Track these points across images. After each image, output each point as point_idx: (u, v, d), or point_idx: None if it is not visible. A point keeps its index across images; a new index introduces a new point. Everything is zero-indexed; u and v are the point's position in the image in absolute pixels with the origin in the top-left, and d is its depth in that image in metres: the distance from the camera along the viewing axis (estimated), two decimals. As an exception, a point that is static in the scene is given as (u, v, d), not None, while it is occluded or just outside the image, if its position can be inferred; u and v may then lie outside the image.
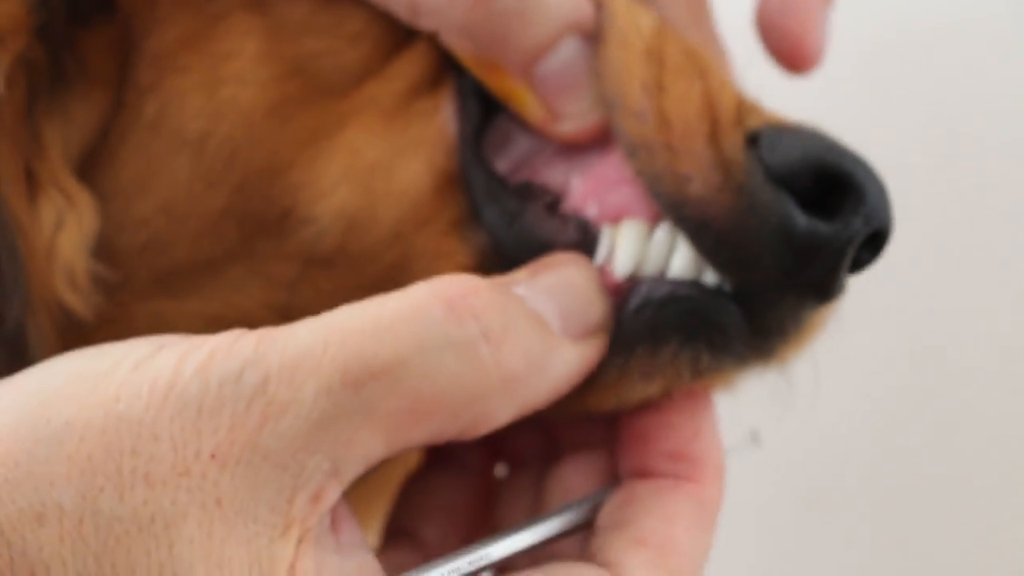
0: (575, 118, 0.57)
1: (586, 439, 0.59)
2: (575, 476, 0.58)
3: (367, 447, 0.48)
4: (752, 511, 1.08)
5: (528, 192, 0.57)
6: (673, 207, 0.55)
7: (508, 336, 0.50)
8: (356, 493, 0.70)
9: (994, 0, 1.11)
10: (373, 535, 0.65)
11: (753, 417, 0.63)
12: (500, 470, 0.65)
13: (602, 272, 0.55)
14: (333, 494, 0.48)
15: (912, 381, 1.14)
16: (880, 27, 1.10)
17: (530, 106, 0.57)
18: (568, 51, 0.57)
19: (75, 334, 0.55)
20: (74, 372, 0.48)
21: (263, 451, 0.47)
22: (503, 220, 0.56)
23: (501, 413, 0.50)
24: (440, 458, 0.65)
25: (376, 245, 0.56)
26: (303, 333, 0.48)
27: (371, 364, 0.48)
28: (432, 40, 0.58)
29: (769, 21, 0.69)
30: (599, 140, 0.57)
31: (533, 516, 0.56)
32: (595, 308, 0.54)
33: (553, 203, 0.56)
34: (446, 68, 0.59)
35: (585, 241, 0.56)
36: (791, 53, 0.69)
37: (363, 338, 0.48)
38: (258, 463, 0.47)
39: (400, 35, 0.58)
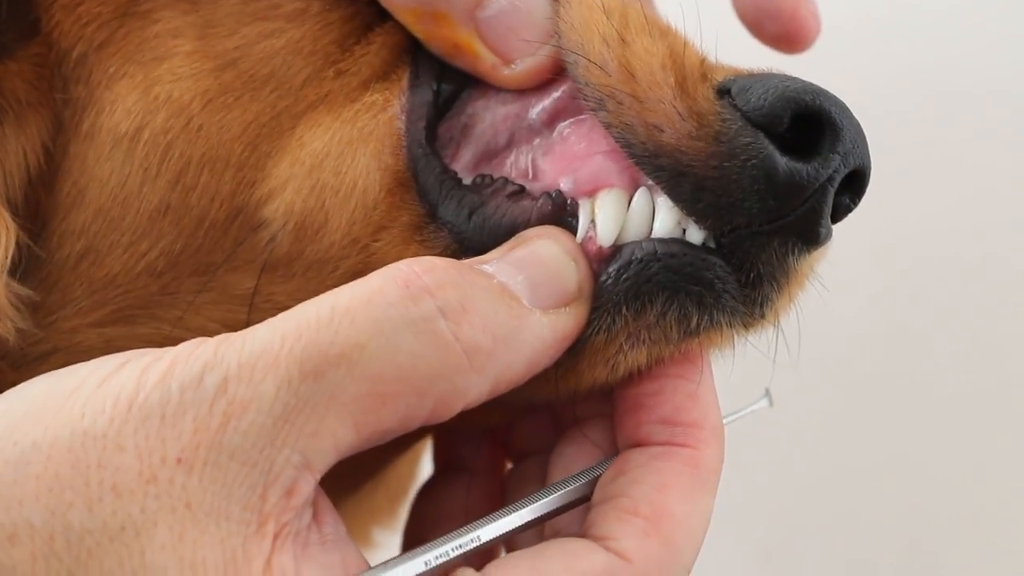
0: (524, 59, 0.56)
1: (585, 414, 0.58)
2: (576, 453, 0.57)
3: (336, 436, 0.47)
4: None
5: (487, 186, 0.56)
6: (647, 157, 0.53)
7: (468, 310, 0.49)
8: (367, 505, 0.70)
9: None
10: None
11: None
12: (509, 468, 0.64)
13: (585, 241, 0.54)
14: (307, 487, 0.47)
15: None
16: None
17: (480, 54, 0.56)
18: None
19: (23, 364, 0.55)
20: (40, 393, 0.48)
21: (229, 450, 0.46)
22: (462, 214, 0.55)
23: (472, 389, 0.49)
24: (449, 466, 0.65)
25: (332, 250, 0.55)
26: (261, 331, 0.48)
27: (328, 352, 0.47)
28: (388, 36, 0.58)
29: (756, 6, 0.68)
30: (550, 85, 0.56)
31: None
32: (568, 277, 0.52)
33: (516, 192, 0.55)
34: (400, 63, 0.58)
35: (559, 213, 0.54)
36: (788, 32, 0.68)
37: (319, 327, 0.47)
38: (225, 463, 0.46)
39: (352, 11, 0.57)
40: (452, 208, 0.55)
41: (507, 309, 0.50)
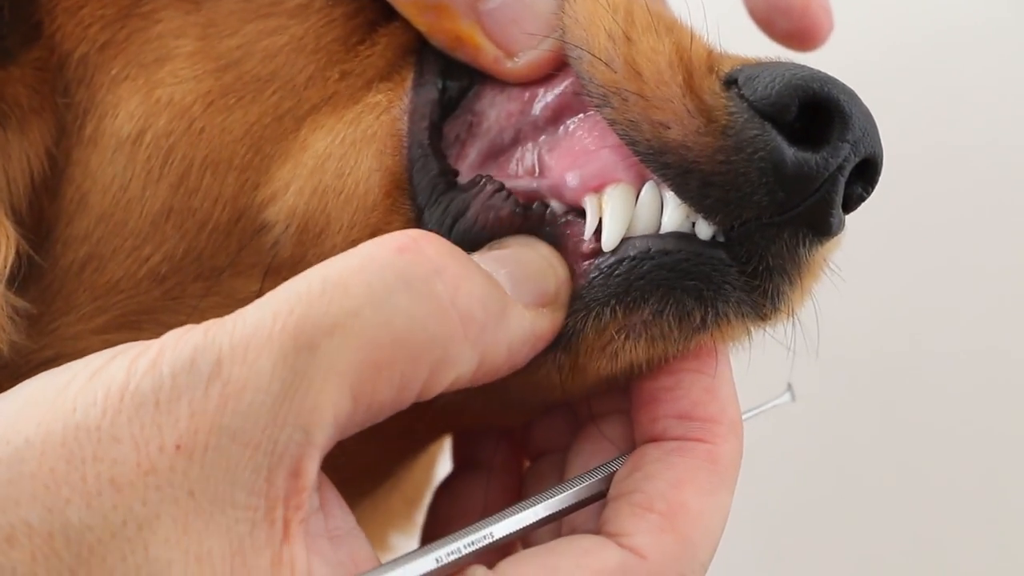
0: (526, 52, 0.55)
1: (602, 410, 0.57)
2: (593, 450, 0.56)
3: (336, 407, 0.46)
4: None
5: (478, 187, 0.55)
6: (651, 154, 0.53)
7: (463, 278, 0.48)
8: (384, 510, 0.69)
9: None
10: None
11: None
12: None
13: (580, 241, 0.53)
14: (312, 465, 0.46)
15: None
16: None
17: (482, 47, 0.56)
18: None
19: (24, 372, 0.53)
20: (33, 391, 0.47)
21: (230, 432, 0.45)
22: (445, 223, 0.54)
23: (462, 358, 0.48)
24: (467, 464, 0.64)
25: (334, 253, 0.53)
26: (252, 311, 0.47)
27: (322, 322, 0.46)
28: (393, 36, 0.57)
29: (767, 2, 0.67)
30: (553, 77, 0.56)
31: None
32: (547, 278, 0.52)
33: (499, 189, 0.54)
34: (404, 63, 0.57)
35: (536, 221, 0.54)
36: (800, 29, 0.67)
37: (311, 301, 0.46)
38: (227, 446, 0.45)
39: (355, 7, 0.57)
40: (437, 215, 0.54)
41: (496, 291, 0.50)
